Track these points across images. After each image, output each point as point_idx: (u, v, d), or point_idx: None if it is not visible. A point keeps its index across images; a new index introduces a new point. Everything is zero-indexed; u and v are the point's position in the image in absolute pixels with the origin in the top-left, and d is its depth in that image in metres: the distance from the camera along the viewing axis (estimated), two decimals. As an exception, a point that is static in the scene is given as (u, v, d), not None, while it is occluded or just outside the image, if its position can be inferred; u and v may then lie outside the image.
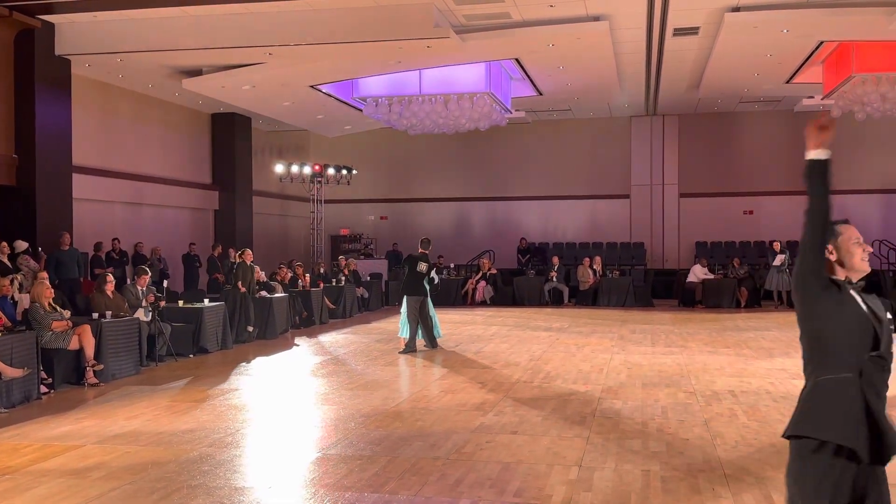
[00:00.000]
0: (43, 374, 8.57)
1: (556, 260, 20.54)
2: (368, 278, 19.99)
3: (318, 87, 17.48)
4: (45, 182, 13.90)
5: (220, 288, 15.18)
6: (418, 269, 11.65)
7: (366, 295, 18.57)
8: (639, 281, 20.50)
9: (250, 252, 13.18)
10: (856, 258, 2.85)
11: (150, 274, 11.16)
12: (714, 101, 21.49)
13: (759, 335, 13.17)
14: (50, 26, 13.63)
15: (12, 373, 7.88)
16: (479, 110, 17.24)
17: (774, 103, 21.72)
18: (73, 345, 9.03)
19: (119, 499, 5.13)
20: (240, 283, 12.84)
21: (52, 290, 9.41)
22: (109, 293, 10.30)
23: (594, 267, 20.05)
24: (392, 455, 6.03)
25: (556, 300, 20.02)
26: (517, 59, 16.19)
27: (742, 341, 12.41)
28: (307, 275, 16.31)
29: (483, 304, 20.07)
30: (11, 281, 10.20)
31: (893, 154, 22.40)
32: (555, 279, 20.07)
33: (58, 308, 9.35)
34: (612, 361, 10.49)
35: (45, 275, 10.10)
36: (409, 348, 11.43)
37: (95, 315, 9.64)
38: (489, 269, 20.53)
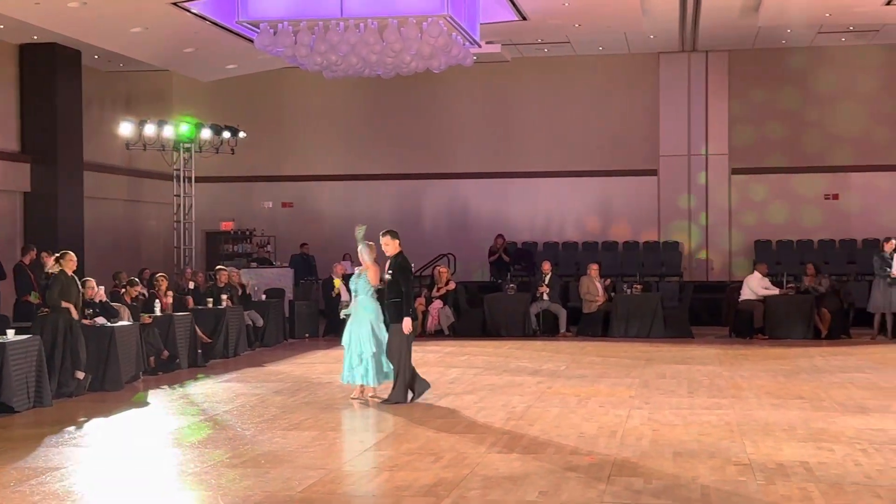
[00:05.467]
0: None
1: (547, 267, 20.66)
2: (264, 297, 19.91)
3: (185, 4, 17.36)
4: None
5: (34, 313, 14.97)
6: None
7: (259, 323, 18.49)
8: (671, 299, 20.71)
9: (73, 257, 12.94)
10: None
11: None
12: (781, 31, 21.85)
13: (848, 379, 13.40)
14: None
15: None
16: (431, 42, 17.28)
17: (870, 34, 22.18)
18: None
19: None
20: (65, 303, 12.66)
21: None
22: None
23: (603, 279, 20.24)
24: (297, 565, 6.04)
25: (548, 328, 20.16)
26: (488, -34, 16.33)
27: (822, 389, 12.60)
28: (169, 293, 16.17)
29: (439, 334, 20.11)
30: None
31: None
32: (546, 297, 20.20)
33: None
34: (631, 420, 10.59)
35: None
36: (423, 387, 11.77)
37: None
38: (447, 283, 20.59)
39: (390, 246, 11.81)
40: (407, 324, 11.54)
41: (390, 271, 11.77)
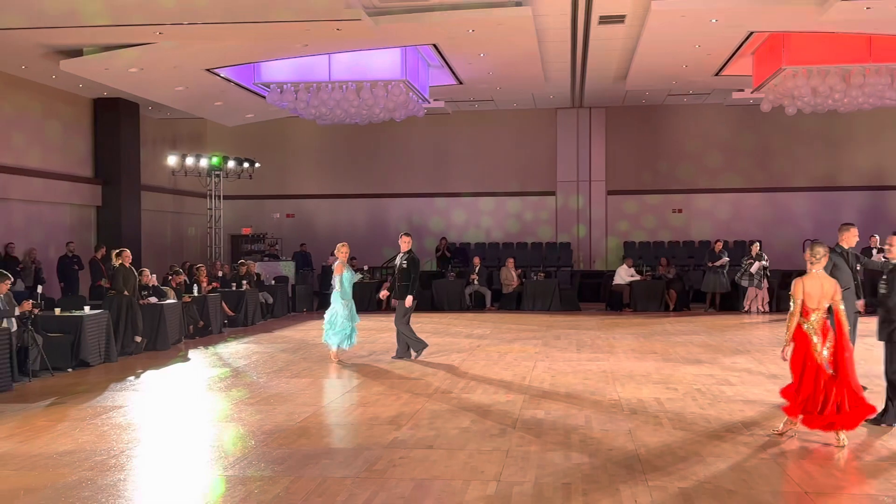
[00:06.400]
0: None
1: (477, 261, 20.74)
2: (273, 282, 19.78)
3: (216, 70, 17.19)
4: None
5: (104, 294, 14.76)
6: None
7: (270, 300, 18.37)
8: (565, 283, 20.88)
9: (128, 252, 12.77)
10: None
11: (11, 279, 10.70)
12: (642, 94, 22.12)
13: (688, 340, 13.63)
14: None
15: None
16: (394, 99, 17.28)
17: (704, 96, 22.52)
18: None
19: (-15, 531, 4.98)
20: (125, 290, 12.49)
21: None
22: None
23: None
24: (296, 475, 6.03)
25: (477, 304, 20.22)
26: (435, 46, 16.31)
27: (669, 346, 12.81)
28: (204, 280, 16.02)
29: (399, 309, 20.11)
30: None
31: (824, 150, 23.53)
32: (476, 282, 20.27)
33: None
34: (536, 369, 10.69)
35: None
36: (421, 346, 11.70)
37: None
38: (405, 272, 20.55)
39: (407, 244, 11.67)
40: (408, 300, 11.42)
41: (405, 262, 11.63)
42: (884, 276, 7.42)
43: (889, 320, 7.28)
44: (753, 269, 18.08)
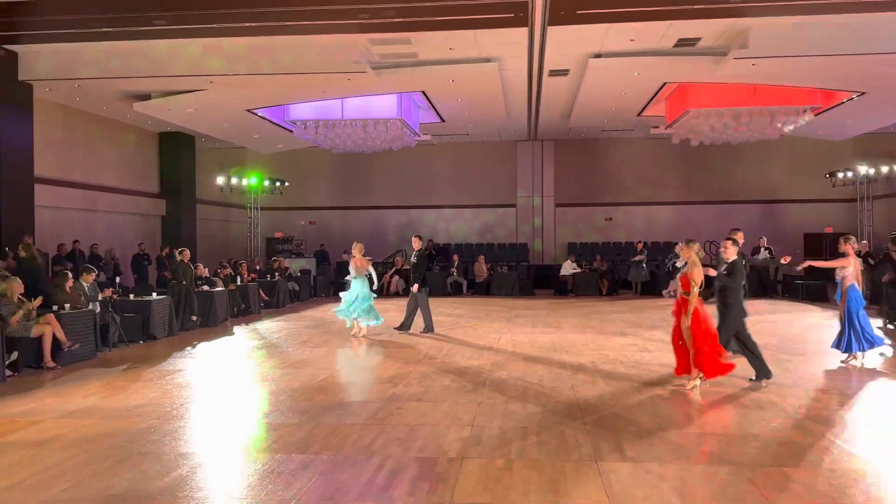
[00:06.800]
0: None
1: (455, 258, 20.76)
2: (299, 274, 19.71)
3: (254, 110, 17.12)
4: (9, 192, 13.17)
5: (168, 283, 14.68)
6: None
7: (296, 288, 18.31)
8: (523, 275, 20.95)
9: (188, 251, 12.78)
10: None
11: (95, 272, 10.71)
12: (582, 129, 22.21)
13: (618, 317, 13.71)
14: (14, 55, 12.91)
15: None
16: (391, 133, 17.28)
17: (629, 131, 22.63)
18: (36, 333, 8.62)
19: (77, 466, 4.96)
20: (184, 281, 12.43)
21: (22, 286, 8.97)
22: (68, 288, 9.85)
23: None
24: (316, 422, 6.03)
25: (456, 291, 20.24)
26: (423, 92, 16.32)
27: (603, 323, 12.89)
28: (244, 273, 15.96)
29: (396, 294, 20.11)
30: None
31: (723, 173, 23.74)
32: (455, 273, 20.30)
33: (25, 300, 8.93)
34: (501, 340, 10.73)
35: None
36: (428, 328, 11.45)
37: (55, 308, 9.21)
38: (401, 266, 20.59)
39: (417, 243, 11.56)
40: (414, 287, 11.34)
41: (414, 258, 11.53)
42: (724, 271, 7.47)
43: (724, 302, 7.42)
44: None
